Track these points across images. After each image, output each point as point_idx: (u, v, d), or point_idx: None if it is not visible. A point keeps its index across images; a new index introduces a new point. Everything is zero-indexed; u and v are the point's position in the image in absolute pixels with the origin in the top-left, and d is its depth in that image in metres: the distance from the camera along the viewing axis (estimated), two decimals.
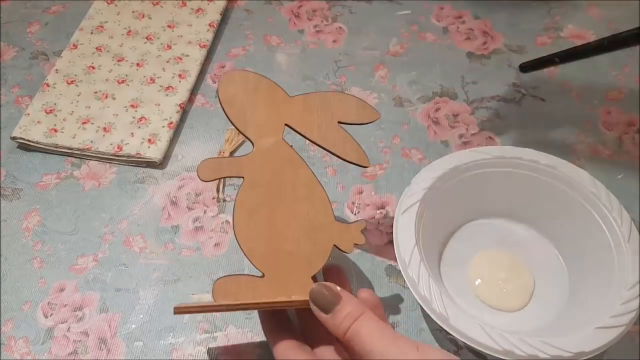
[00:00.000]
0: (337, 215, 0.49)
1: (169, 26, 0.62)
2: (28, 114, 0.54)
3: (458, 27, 0.62)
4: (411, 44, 0.61)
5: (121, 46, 0.60)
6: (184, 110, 0.56)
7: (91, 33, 0.61)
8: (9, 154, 0.53)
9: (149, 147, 0.52)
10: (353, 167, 0.39)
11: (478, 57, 0.60)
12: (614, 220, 0.40)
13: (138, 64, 0.58)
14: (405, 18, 0.63)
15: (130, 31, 0.61)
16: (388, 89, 0.57)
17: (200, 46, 0.60)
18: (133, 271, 0.46)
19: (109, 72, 0.58)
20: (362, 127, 0.38)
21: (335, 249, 0.37)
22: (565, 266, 0.44)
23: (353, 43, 0.61)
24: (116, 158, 0.52)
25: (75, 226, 0.49)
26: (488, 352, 0.35)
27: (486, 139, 0.53)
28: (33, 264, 0.47)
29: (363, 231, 0.38)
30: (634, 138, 0.53)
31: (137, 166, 0.52)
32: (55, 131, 0.53)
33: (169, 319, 0.44)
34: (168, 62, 0.58)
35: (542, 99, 0.56)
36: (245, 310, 0.35)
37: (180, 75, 0.57)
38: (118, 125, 0.53)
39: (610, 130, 0.54)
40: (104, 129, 0.53)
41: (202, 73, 0.59)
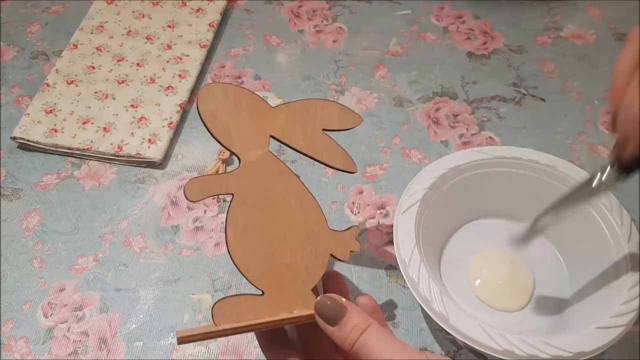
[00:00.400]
0: (337, 215, 0.49)
1: (169, 26, 0.62)
2: (28, 114, 0.54)
3: (458, 27, 0.62)
4: (411, 44, 0.61)
5: (121, 46, 0.60)
6: (184, 110, 0.56)
7: (91, 33, 0.61)
8: (9, 154, 0.53)
9: (149, 147, 0.52)
10: None
11: (478, 57, 0.60)
12: (614, 220, 0.40)
13: (138, 64, 0.58)
14: (405, 18, 0.63)
15: (130, 31, 0.61)
16: (388, 89, 0.57)
17: (200, 46, 0.60)
18: (133, 271, 0.46)
19: (109, 72, 0.58)
20: (362, 127, 0.38)
21: (332, 258, 0.37)
22: (565, 266, 0.44)
23: (353, 43, 0.61)
24: (116, 158, 0.52)
25: (75, 226, 0.49)
26: (488, 352, 0.35)
27: (486, 139, 0.53)
28: (33, 264, 0.47)
29: (357, 238, 0.38)
30: None
31: (137, 166, 0.52)
32: (55, 131, 0.53)
33: (169, 319, 0.44)
34: (168, 62, 0.58)
35: (542, 99, 0.56)
36: (250, 331, 0.34)
37: (180, 75, 0.57)
38: (118, 125, 0.53)
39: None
40: (104, 129, 0.53)
41: (202, 73, 0.59)
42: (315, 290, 0.36)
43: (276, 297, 0.34)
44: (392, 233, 0.41)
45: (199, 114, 0.34)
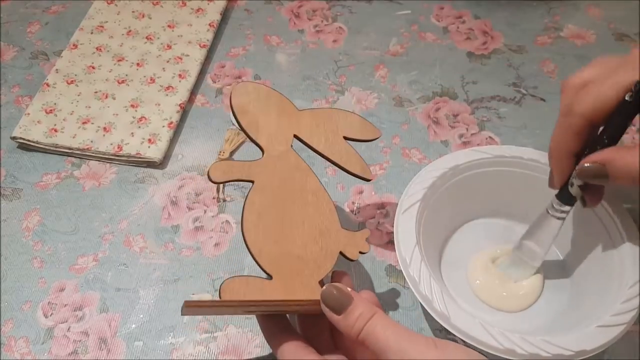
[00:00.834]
0: (338, 215, 0.49)
1: (169, 26, 0.62)
2: (28, 114, 0.54)
3: (458, 27, 0.62)
4: (411, 44, 0.61)
5: (121, 46, 0.60)
6: (184, 110, 0.56)
7: (91, 33, 0.61)
8: (9, 154, 0.53)
9: (149, 147, 0.52)
10: None
11: (478, 57, 0.60)
12: (614, 220, 0.40)
13: (138, 64, 0.58)
14: (405, 18, 0.63)
15: (130, 31, 0.61)
16: (388, 89, 0.57)
17: (200, 46, 0.60)
18: (133, 271, 0.46)
19: (109, 72, 0.58)
20: None
21: (340, 256, 0.38)
22: (565, 265, 0.44)
23: (353, 43, 0.61)
24: (116, 158, 0.52)
25: (75, 226, 0.49)
26: (489, 351, 0.35)
27: (486, 139, 0.53)
28: (33, 264, 0.47)
29: (368, 239, 0.39)
30: (634, 138, 0.53)
31: (137, 166, 0.52)
32: (55, 131, 0.53)
33: (169, 319, 0.44)
34: (168, 62, 0.58)
35: (542, 99, 0.56)
36: (254, 310, 0.35)
37: (180, 75, 0.57)
38: (118, 125, 0.53)
39: None
40: (104, 129, 0.53)
41: (202, 73, 0.59)
42: (322, 283, 0.36)
43: (284, 283, 0.35)
44: (392, 233, 0.41)
45: (231, 107, 0.37)
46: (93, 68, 0.58)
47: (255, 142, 0.38)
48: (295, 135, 0.39)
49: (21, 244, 0.48)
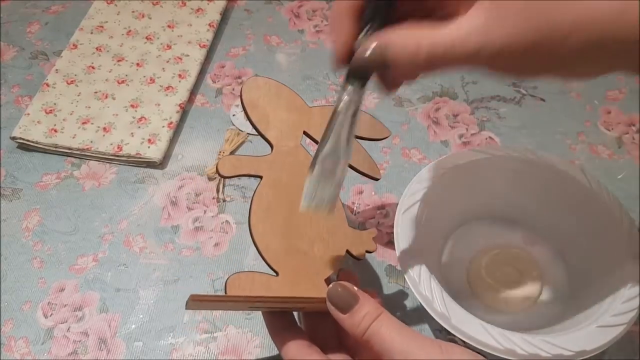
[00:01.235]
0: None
1: (169, 26, 0.62)
2: (28, 114, 0.54)
3: None
4: None
5: (121, 46, 0.60)
6: (184, 110, 0.56)
7: (91, 33, 0.61)
8: (9, 154, 0.53)
9: (149, 147, 0.52)
10: None
11: None
12: (614, 220, 0.40)
13: (138, 64, 0.58)
14: None
15: (130, 31, 0.61)
16: None
17: (200, 46, 0.60)
18: (133, 271, 0.46)
19: (109, 72, 0.58)
20: None
21: (346, 255, 0.38)
22: (565, 265, 0.44)
23: None
24: (116, 158, 0.52)
25: (75, 226, 0.49)
26: (489, 351, 0.35)
27: (486, 139, 0.53)
28: (33, 264, 0.47)
29: (374, 239, 0.39)
30: (634, 138, 0.53)
31: (137, 166, 0.52)
32: (55, 131, 0.53)
33: (169, 319, 0.44)
34: (168, 62, 0.58)
35: (542, 99, 0.56)
36: (259, 306, 0.35)
37: (180, 75, 0.57)
38: (118, 125, 0.53)
39: (610, 130, 0.54)
40: (104, 129, 0.53)
41: (202, 73, 0.59)
42: (328, 282, 0.36)
43: (290, 280, 0.35)
44: (392, 233, 0.41)
45: (242, 101, 0.37)
46: (93, 68, 0.58)
47: (264, 137, 0.37)
48: (304, 131, 0.38)
49: (21, 244, 0.48)
